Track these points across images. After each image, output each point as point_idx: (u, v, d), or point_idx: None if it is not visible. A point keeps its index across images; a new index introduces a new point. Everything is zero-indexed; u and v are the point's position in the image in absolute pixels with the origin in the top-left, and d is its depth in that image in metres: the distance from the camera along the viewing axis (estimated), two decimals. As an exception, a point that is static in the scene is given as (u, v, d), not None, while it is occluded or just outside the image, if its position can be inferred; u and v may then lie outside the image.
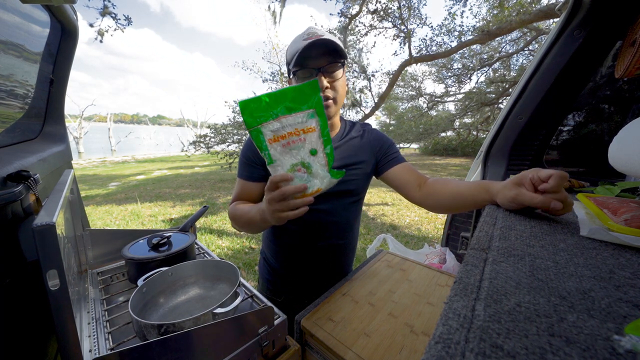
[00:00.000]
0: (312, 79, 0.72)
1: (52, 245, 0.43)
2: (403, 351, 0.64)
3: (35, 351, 0.70)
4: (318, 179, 0.58)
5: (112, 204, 4.93)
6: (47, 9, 0.91)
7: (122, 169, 9.63)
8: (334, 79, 0.75)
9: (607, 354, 0.20)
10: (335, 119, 0.84)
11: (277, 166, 0.57)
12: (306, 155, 0.57)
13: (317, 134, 0.57)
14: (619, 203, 0.50)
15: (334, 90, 0.76)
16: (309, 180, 0.58)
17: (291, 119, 0.55)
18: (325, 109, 0.75)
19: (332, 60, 0.73)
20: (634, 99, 1.04)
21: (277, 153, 0.57)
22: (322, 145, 0.58)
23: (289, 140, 0.56)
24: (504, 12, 5.85)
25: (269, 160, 0.57)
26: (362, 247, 3.14)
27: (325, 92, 0.74)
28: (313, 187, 0.58)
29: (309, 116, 0.56)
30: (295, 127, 0.56)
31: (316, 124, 0.57)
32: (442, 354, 0.21)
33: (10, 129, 0.86)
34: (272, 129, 0.55)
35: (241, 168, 0.85)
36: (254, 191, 0.84)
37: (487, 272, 0.32)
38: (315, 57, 0.72)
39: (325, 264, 0.93)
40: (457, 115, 14.27)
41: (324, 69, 0.73)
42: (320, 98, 0.56)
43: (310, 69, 0.73)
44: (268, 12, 7.73)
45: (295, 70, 0.75)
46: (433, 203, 0.77)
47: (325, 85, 0.73)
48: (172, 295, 0.73)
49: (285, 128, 0.56)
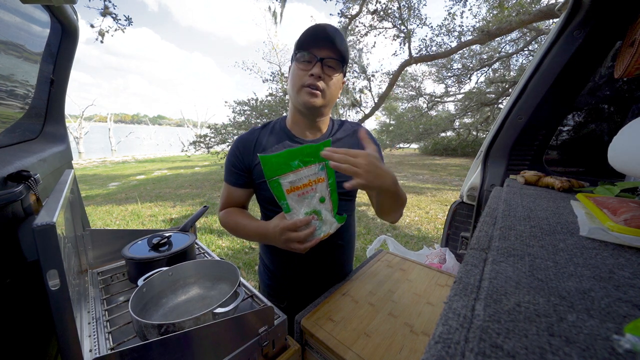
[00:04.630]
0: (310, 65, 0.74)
1: (53, 245, 0.43)
2: (403, 351, 0.64)
3: (36, 351, 0.70)
4: (327, 225, 0.68)
5: (112, 204, 4.93)
6: (47, 9, 0.91)
7: (122, 169, 9.63)
8: (331, 74, 0.75)
9: (607, 353, 0.20)
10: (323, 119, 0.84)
11: (294, 214, 0.66)
12: (317, 203, 0.67)
13: (325, 184, 0.67)
14: (618, 203, 0.50)
15: (326, 84, 0.75)
16: (319, 226, 0.67)
17: (306, 171, 0.65)
18: (312, 97, 0.75)
19: (335, 57, 0.74)
20: (634, 99, 1.04)
21: (294, 202, 0.65)
22: (330, 194, 0.68)
23: (303, 191, 0.65)
24: (504, 12, 5.85)
25: (287, 209, 0.65)
26: (362, 247, 3.14)
27: (318, 81, 0.73)
28: (324, 232, 0.68)
29: (320, 168, 0.66)
30: (309, 179, 0.65)
31: (325, 175, 0.67)
32: (442, 354, 0.21)
33: (10, 129, 0.86)
34: (289, 180, 0.64)
35: (227, 173, 0.87)
36: (240, 196, 0.87)
37: (487, 272, 0.32)
38: (321, 46, 0.73)
39: (326, 265, 0.92)
40: (457, 115, 14.27)
41: (325, 61, 0.73)
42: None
43: (311, 55, 0.73)
44: (268, 12, 7.73)
45: (297, 52, 0.75)
46: (378, 212, 0.83)
47: (319, 74, 0.73)
48: (172, 295, 0.73)
49: (301, 180, 0.64)
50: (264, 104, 7.60)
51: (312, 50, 0.73)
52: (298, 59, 0.76)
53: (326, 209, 0.68)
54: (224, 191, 0.89)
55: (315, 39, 0.73)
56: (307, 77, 0.74)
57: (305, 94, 0.75)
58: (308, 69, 0.74)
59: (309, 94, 0.75)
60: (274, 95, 7.78)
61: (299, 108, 0.80)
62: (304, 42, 0.73)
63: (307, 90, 0.74)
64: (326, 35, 0.72)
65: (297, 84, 0.76)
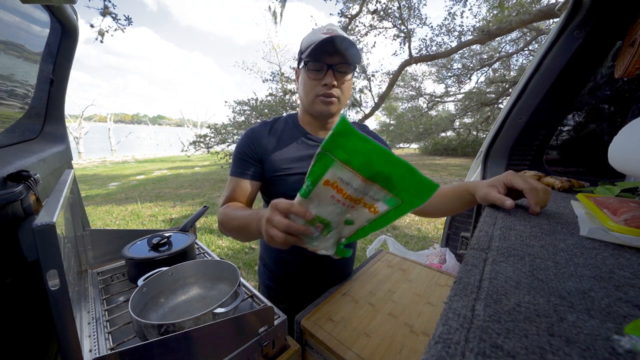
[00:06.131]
0: (321, 73, 0.73)
1: (52, 245, 0.43)
2: (403, 351, 0.64)
3: (36, 351, 0.70)
4: (322, 244, 0.48)
5: (112, 204, 4.93)
6: (47, 9, 0.91)
7: (122, 169, 9.63)
8: (343, 80, 0.75)
9: (607, 354, 0.20)
10: (335, 119, 0.84)
11: (309, 204, 0.45)
12: (339, 222, 0.47)
13: (373, 217, 0.45)
14: (618, 203, 0.50)
15: (340, 90, 0.76)
16: (317, 238, 0.48)
17: (370, 188, 0.43)
18: (328, 105, 0.75)
19: (345, 61, 0.73)
20: (634, 99, 1.04)
21: (318, 196, 0.45)
22: (362, 226, 0.47)
23: (343, 201, 0.44)
24: (504, 12, 5.85)
25: (305, 194, 0.45)
26: (362, 247, 3.14)
27: (331, 89, 0.74)
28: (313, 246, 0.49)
29: (387, 201, 0.43)
30: (362, 197, 0.44)
31: (384, 210, 0.44)
32: (442, 354, 0.21)
33: (10, 129, 0.86)
34: (340, 175, 0.42)
35: (234, 165, 0.80)
36: (247, 190, 0.78)
37: (487, 272, 0.32)
38: (330, 53, 0.72)
39: (326, 268, 0.92)
40: (457, 115, 14.28)
41: (336, 68, 0.73)
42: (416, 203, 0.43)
43: (322, 63, 0.73)
44: (268, 11, 7.73)
45: (308, 60, 0.74)
46: (424, 208, 0.80)
47: (333, 82, 0.73)
48: (172, 295, 0.73)
49: (353, 189, 0.43)
50: (264, 104, 7.60)
51: (322, 58, 0.72)
52: (308, 67, 0.74)
53: (339, 233, 0.48)
54: (227, 187, 0.81)
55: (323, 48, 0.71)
56: (320, 87, 0.74)
57: (320, 104, 0.75)
58: (320, 78, 0.73)
59: (323, 103, 0.75)
60: (274, 95, 7.78)
61: (313, 114, 0.80)
62: (312, 51, 0.71)
63: (322, 99, 0.75)
64: (335, 46, 0.71)
65: (311, 94, 0.76)
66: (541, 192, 0.53)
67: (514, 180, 0.56)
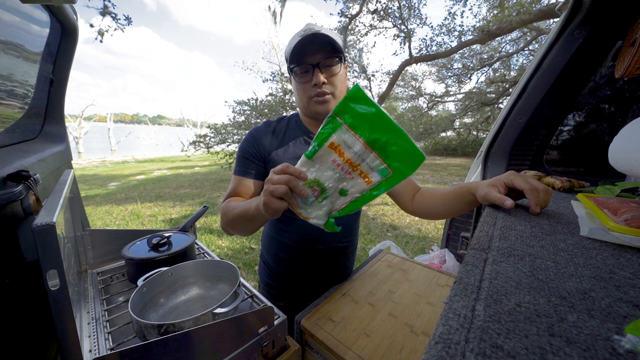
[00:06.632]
0: (308, 75, 0.72)
1: (52, 245, 0.43)
2: (403, 351, 0.64)
3: (36, 351, 0.70)
4: (315, 214, 0.50)
5: (112, 204, 4.93)
6: (47, 9, 0.91)
7: (122, 169, 9.63)
8: (332, 73, 0.74)
9: (607, 354, 0.20)
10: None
11: (310, 166, 0.48)
12: (334, 189, 0.49)
13: (367, 188, 0.48)
14: (619, 203, 0.50)
15: (332, 85, 0.75)
16: (311, 204, 0.50)
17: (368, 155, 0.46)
18: (323, 104, 0.75)
19: (328, 55, 0.72)
20: (634, 99, 1.04)
21: (321, 159, 0.47)
22: (354, 198, 0.49)
23: (342, 165, 0.47)
24: (504, 12, 5.85)
25: (310, 155, 0.48)
26: (362, 247, 3.14)
27: (322, 87, 0.73)
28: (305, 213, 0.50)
29: (380, 171, 0.46)
30: (360, 162, 0.46)
31: (376, 181, 0.47)
32: (442, 354, 0.21)
33: (10, 129, 0.86)
34: (344, 138, 0.46)
35: (238, 164, 0.82)
36: (249, 188, 0.79)
37: (487, 272, 0.32)
38: (311, 52, 0.71)
39: (327, 267, 0.92)
40: (457, 115, 14.28)
41: (321, 64, 0.72)
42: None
43: (306, 65, 0.72)
44: (268, 11, 7.74)
45: (292, 67, 0.74)
46: (426, 211, 0.80)
47: (321, 81, 0.72)
48: (172, 295, 0.73)
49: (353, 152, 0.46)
50: (264, 103, 7.60)
51: (305, 60, 0.72)
52: (295, 72, 0.74)
53: (332, 203, 0.49)
54: (231, 185, 0.82)
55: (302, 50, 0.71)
56: (311, 88, 0.73)
57: (315, 105, 0.75)
58: (308, 80, 0.73)
59: (318, 103, 0.75)
60: (274, 95, 7.78)
61: (312, 116, 0.80)
62: (293, 56, 0.72)
63: (315, 100, 0.74)
64: (314, 44, 0.71)
65: (304, 97, 0.75)
66: (542, 192, 0.53)
67: (515, 180, 0.56)
